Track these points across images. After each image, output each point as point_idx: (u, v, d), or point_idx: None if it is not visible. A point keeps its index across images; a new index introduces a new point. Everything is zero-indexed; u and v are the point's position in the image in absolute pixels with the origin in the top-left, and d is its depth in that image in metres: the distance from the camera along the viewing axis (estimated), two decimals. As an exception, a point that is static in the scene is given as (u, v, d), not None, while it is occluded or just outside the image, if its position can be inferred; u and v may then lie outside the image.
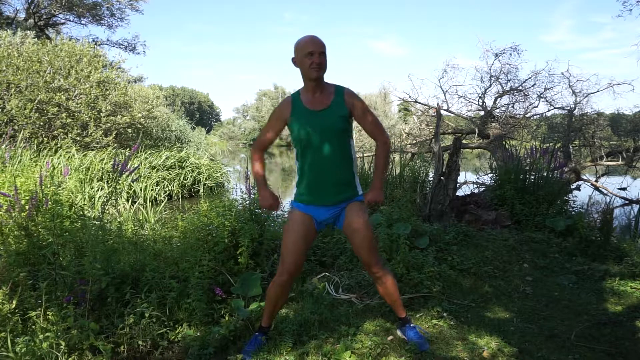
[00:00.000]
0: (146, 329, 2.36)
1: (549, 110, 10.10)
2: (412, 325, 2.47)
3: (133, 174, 7.53)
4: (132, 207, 5.82)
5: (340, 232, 3.12)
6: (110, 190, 6.27)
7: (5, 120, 8.05)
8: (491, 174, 6.35)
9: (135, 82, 15.01)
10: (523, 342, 2.50)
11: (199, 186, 9.96)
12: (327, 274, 3.34)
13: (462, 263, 3.53)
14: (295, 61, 2.19)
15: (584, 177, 8.69)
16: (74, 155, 7.67)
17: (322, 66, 2.14)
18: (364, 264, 2.35)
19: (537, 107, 10.02)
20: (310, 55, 2.11)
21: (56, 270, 2.55)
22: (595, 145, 9.33)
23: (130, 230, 3.51)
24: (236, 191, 4.01)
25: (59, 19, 17.42)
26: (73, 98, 8.96)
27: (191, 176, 9.84)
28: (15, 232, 2.97)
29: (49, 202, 3.28)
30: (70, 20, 17.48)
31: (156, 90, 16.53)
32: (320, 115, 2.18)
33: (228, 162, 17.32)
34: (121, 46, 18.55)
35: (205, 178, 10.17)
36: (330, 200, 2.25)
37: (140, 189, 8.11)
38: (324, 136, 2.17)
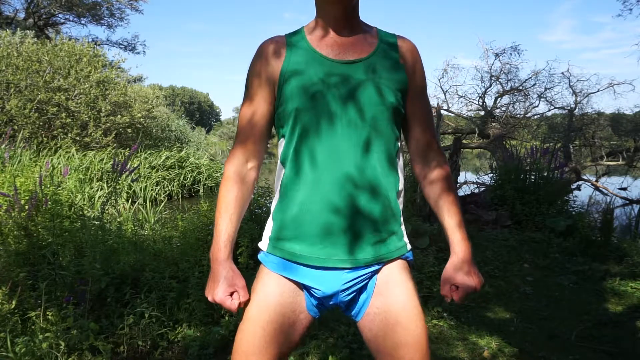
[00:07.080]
0: (146, 329, 2.35)
1: (549, 110, 10.13)
2: None
3: (133, 173, 7.52)
4: (131, 207, 5.81)
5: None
6: (110, 190, 6.25)
7: (4, 120, 8.04)
8: (491, 174, 6.35)
9: (135, 82, 15.02)
10: (523, 342, 2.50)
11: (199, 186, 9.94)
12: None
13: (462, 263, 3.53)
14: None
15: (585, 177, 8.69)
16: (73, 155, 7.66)
17: None
18: None
19: (537, 107, 10.08)
20: None
21: (56, 271, 2.55)
22: (596, 145, 9.35)
23: (130, 230, 3.50)
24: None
25: (58, 18, 17.40)
26: (73, 98, 8.94)
27: (191, 176, 9.82)
28: (15, 232, 2.96)
29: (49, 202, 3.27)
30: (70, 20, 17.48)
31: (156, 90, 16.51)
32: (350, 69, 1.08)
33: (228, 162, 17.27)
34: (121, 46, 18.57)
35: (205, 178, 10.16)
36: (354, 255, 1.08)
37: (140, 189, 8.09)
38: (355, 113, 1.06)
